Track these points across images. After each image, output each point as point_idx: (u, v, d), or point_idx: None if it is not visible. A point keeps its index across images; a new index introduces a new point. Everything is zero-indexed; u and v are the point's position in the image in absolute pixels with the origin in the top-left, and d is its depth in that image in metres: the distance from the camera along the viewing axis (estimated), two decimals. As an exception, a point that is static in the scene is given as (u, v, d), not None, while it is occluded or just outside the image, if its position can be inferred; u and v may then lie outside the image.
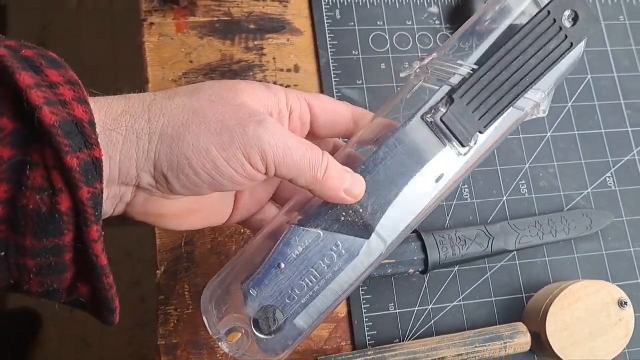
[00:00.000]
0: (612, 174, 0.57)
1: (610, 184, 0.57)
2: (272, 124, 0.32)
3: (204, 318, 0.36)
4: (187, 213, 0.36)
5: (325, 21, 0.55)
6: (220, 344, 0.35)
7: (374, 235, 0.36)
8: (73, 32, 1.52)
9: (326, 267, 0.36)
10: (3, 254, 0.27)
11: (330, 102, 0.39)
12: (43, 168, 0.26)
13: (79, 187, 0.27)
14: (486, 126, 0.35)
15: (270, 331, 0.35)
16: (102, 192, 0.28)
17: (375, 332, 0.48)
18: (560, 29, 0.34)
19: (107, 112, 0.30)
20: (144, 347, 1.33)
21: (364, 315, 0.49)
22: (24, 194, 0.26)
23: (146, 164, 0.31)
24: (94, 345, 1.33)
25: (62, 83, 0.27)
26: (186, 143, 0.31)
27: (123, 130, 0.30)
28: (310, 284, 0.36)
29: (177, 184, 0.32)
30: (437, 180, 0.37)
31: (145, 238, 0.50)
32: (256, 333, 0.36)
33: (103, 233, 0.29)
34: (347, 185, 0.35)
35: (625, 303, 0.49)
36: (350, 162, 0.37)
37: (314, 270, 0.36)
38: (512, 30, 0.36)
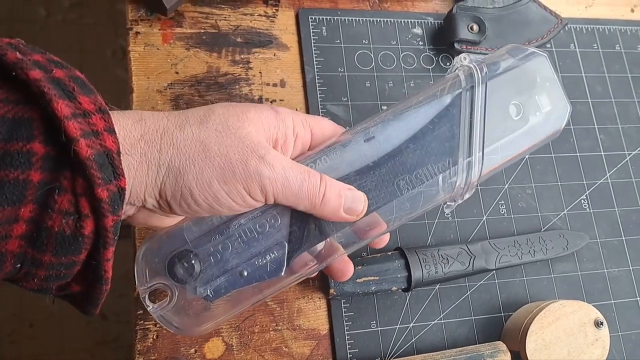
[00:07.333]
0: (586, 196, 0.58)
1: (585, 205, 0.58)
2: (273, 158, 0.34)
3: (134, 270, 0.37)
4: None
5: (312, 37, 0.55)
6: (142, 297, 0.36)
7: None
8: (41, 44, 1.48)
9: (255, 249, 0.37)
10: (19, 265, 0.28)
11: (330, 127, 0.40)
12: (71, 194, 0.27)
13: (105, 215, 0.28)
14: None
15: (186, 278, 0.36)
16: (121, 218, 0.30)
17: (357, 350, 0.48)
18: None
19: (125, 136, 0.31)
20: (105, 367, 1.29)
21: (346, 333, 0.48)
22: (49, 216, 0.27)
23: (153, 190, 0.33)
24: (53, 365, 1.28)
25: (93, 112, 0.29)
26: (190, 176, 0.32)
27: (137, 157, 0.32)
28: (237, 258, 0.37)
29: (179, 209, 0.34)
30: None
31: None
32: (177, 298, 0.37)
33: None
34: (347, 204, 0.37)
35: (602, 323, 0.49)
36: None
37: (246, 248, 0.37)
38: None
